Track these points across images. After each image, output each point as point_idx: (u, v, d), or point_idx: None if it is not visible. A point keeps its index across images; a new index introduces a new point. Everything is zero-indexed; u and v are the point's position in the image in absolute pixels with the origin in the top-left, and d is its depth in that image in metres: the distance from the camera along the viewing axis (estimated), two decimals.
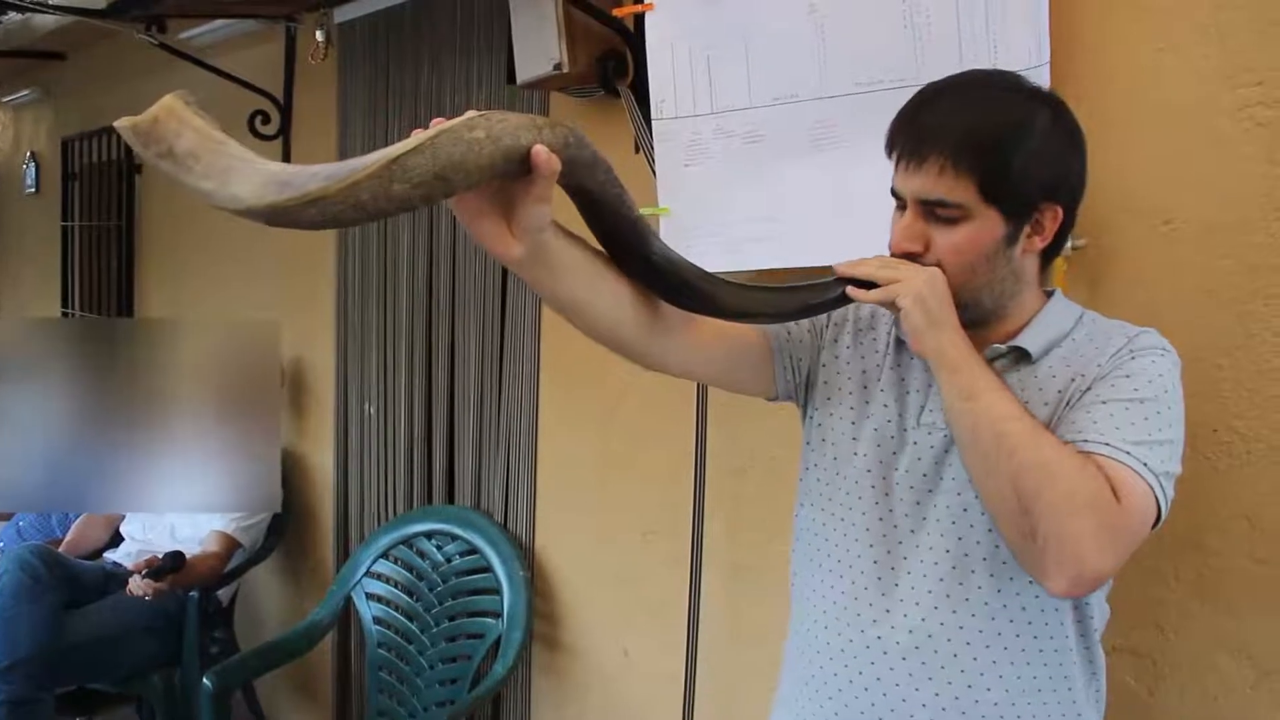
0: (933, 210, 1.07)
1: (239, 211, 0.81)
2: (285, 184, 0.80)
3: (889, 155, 1.11)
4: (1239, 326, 1.35)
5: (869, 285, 1.06)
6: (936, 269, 1.06)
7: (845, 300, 1.09)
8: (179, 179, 0.83)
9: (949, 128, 1.05)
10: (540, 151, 0.87)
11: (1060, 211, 1.08)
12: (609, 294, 1.06)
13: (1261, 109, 1.33)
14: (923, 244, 1.08)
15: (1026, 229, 1.08)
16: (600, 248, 1.05)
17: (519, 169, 0.87)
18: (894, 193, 1.11)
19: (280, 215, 0.80)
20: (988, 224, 1.06)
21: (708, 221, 1.78)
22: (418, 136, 0.82)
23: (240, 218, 0.83)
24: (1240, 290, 1.35)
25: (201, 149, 0.82)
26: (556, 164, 0.88)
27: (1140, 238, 1.43)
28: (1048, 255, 1.14)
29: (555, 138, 0.89)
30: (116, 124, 0.83)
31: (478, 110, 0.85)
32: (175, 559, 2.59)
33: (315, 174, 0.80)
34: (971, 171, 1.04)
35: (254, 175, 0.82)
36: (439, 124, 0.84)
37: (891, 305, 1.05)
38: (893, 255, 1.10)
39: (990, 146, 1.04)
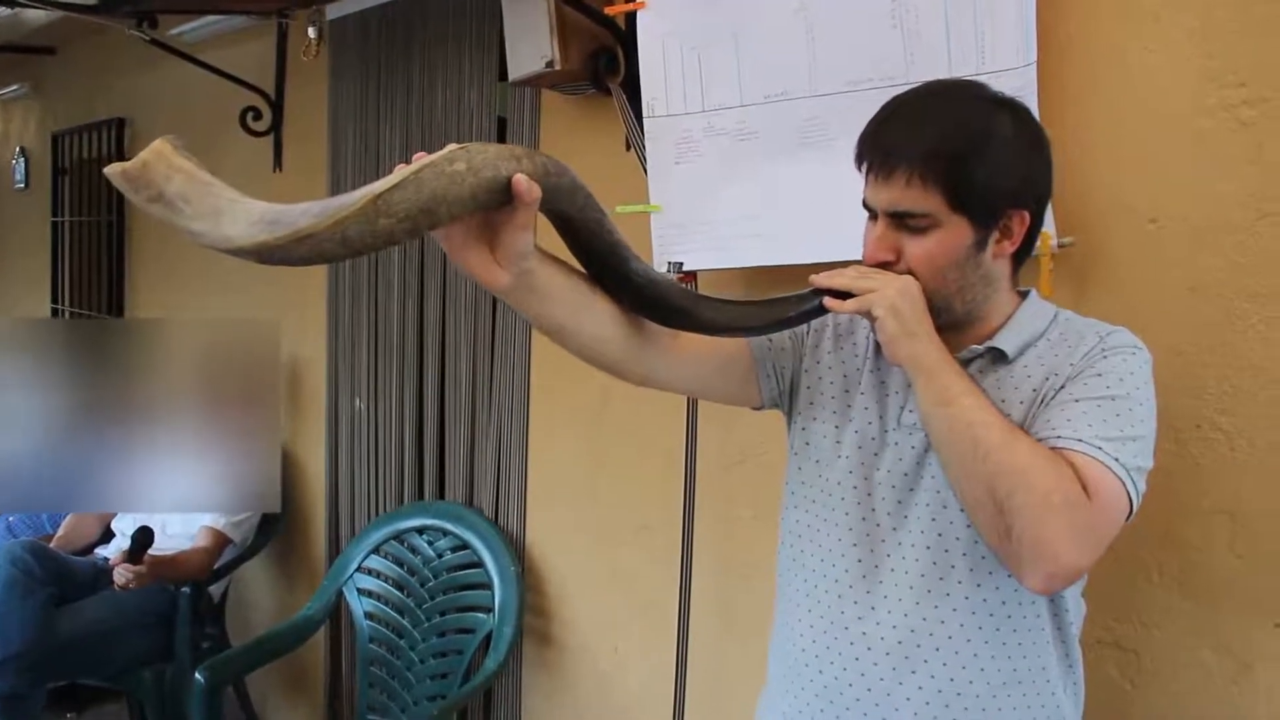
0: (903, 220, 1.10)
1: (230, 251, 0.83)
2: (274, 223, 0.82)
3: (858, 168, 1.13)
4: (1224, 323, 1.37)
5: (845, 295, 1.09)
6: (910, 278, 1.09)
7: (822, 311, 1.12)
8: (170, 221, 0.84)
9: (914, 141, 1.08)
10: (520, 180, 0.89)
11: (1027, 216, 1.11)
12: (594, 315, 1.09)
13: (1245, 109, 1.34)
14: (895, 253, 1.11)
15: (995, 234, 1.11)
16: (583, 270, 1.08)
17: (501, 199, 0.90)
18: (865, 205, 1.14)
19: (271, 253, 0.82)
20: (956, 232, 1.08)
21: (698, 219, 1.79)
22: (400, 172, 0.84)
23: (232, 256, 0.84)
24: (1225, 288, 1.37)
25: (191, 191, 0.84)
26: (537, 192, 0.90)
27: (1127, 236, 1.44)
28: (1018, 257, 1.16)
29: (534, 167, 0.91)
30: (106, 170, 0.85)
31: (458, 144, 0.88)
32: (144, 534, 2.57)
33: (304, 212, 0.82)
34: (938, 183, 1.06)
35: (244, 215, 0.83)
36: (421, 159, 0.85)
37: (867, 314, 1.08)
38: (867, 265, 1.12)
39: (955, 157, 1.06)
